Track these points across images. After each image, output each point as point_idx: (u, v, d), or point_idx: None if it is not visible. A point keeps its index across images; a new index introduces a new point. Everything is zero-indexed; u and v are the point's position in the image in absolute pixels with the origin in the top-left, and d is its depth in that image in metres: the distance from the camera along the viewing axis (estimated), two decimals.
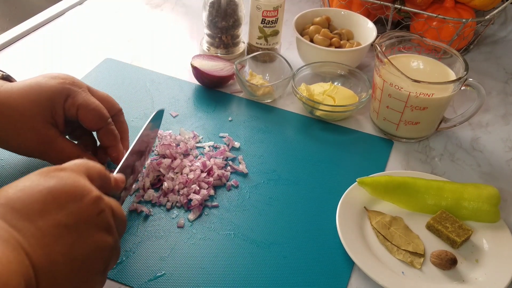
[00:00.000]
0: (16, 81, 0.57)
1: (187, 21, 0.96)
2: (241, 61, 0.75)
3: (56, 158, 0.55)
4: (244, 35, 0.84)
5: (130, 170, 0.54)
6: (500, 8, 0.81)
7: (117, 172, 0.50)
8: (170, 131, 0.67)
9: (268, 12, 0.78)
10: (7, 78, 0.57)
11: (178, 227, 0.55)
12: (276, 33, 0.81)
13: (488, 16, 0.80)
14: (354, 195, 0.59)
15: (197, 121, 0.71)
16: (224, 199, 0.59)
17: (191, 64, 0.75)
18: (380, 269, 0.51)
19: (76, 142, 0.59)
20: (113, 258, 0.41)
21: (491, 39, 0.96)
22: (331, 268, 0.52)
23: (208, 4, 0.77)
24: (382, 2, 0.82)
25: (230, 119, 0.72)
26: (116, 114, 0.59)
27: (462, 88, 0.65)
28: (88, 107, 0.55)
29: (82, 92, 0.55)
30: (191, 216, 0.56)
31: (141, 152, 0.57)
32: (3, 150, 0.63)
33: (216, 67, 0.75)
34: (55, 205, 0.36)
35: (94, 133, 0.60)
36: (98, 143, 0.59)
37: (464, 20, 0.78)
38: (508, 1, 0.83)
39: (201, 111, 0.73)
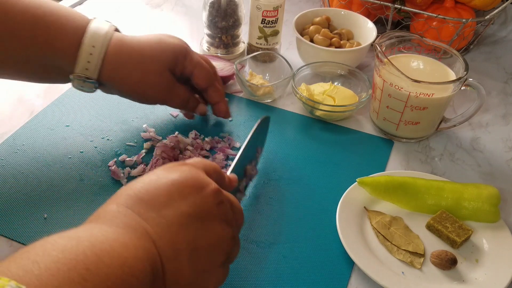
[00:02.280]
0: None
1: (187, 21, 0.96)
2: (241, 61, 0.75)
3: (175, 99, 0.63)
4: (244, 35, 0.84)
5: (242, 173, 0.56)
6: (500, 8, 0.81)
7: (231, 172, 0.51)
8: (175, 134, 0.67)
9: (268, 12, 0.78)
10: (117, 30, 0.61)
11: None
12: (276, 33, 0.81)
13: (488, 16, 0.81)
14: (354, 195, 0.59)
15: (197, 121, 0.71)
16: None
17: None
18: (380, 269, 0.51)
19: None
20: (234, 250, 0.42)
21: (491, 39, 0.96)
22: (331, 268, 0.52)
23: (208, 4, 0.77)
24: (382, 2, 0.82)
25: (230, 119, 0.71)
26: (214, 72, 0.67)
27: (462, 88, 0.65)
28: (202, 66, 0.63)
29: (194, 53, 0.63)
30: None
31: (250, 156, 0.59)
32: (3, 149, 0.63)
33: (216, 67, 0.75)
34: (178, 196, 0.38)
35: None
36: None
37: (464, 20, 0.78)
38: (508, 1, 0.83)
39: None
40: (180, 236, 0.37)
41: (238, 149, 0.66)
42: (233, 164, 0.53)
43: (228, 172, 0.51)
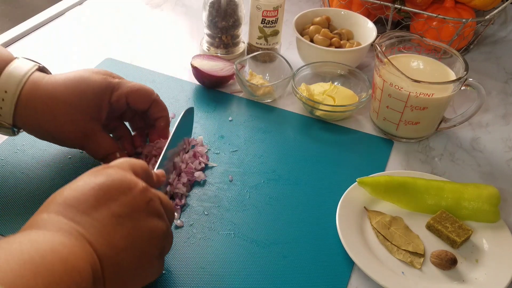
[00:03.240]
0: (51, 73, 0.58)
1: (187, 21, 0.96)
2: (241, 61, 0.75)
3: (95, 151, 0.58)
4: (244, 35, 0.84)
5: (171, 166, 0.57)
6: (500, 8, 0.81)
7: (157, 168, 0.52)
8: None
9: (268, 12, 0.78)
10: (43, 70, 0.58)
11: (178, 226, 0.55)
12: (276, 33, 0.81)
13: (488, 16, 0.81)
14: (354, 195, 0.59)
15: (197, 121, 0.71)
16: (224, 199, 0.59)
17: (191, 64, 0.75)
18: (380, 269, 0.51)
19: (111, 135, 0.62)
20: (167, 242, 0.44)
21: (491, 39, 0.96)
22: (331, 268, 0.52)
23: (208, 4, 0.77)
24: (382, 2, 0.82)
25: (230, 119, 0.72)
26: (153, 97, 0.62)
27: (462, 88, 0.65)
28: (135, 91, 0.58)
29: (121, 81, 0.58)
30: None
31: (178, 149, 0.60)
32: (3, 149, 0.63)
33: (216, 67, 0.75)
34: (107, 198, 0.39)
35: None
36: (132, 133, 0.63)
37: (464, 20, 0.78)
38: (508, 1, 0.83)
39: (201, 111, 0.73)
40: (115, 235, 0.38)
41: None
42: (159, 160, 0.54)
43: (155, 169, 0.51)
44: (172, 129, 0.59)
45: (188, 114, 0.64)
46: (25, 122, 0.55)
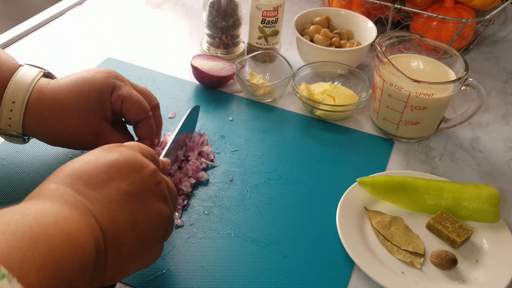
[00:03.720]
0: (56, 77, 0.58)
1: (187, 21, 0.96)
2: (241, 61, 0.75)
3: None
4: (244, 35, 0.84)
5: (174, 158, 0.57)
6: (500, 8, 0.81)
7: (163, 156, 0.53)
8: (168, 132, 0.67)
9: (268, 12, 0.78)
10: (48, 75, 0.58)
11: (178, 226, 0.56)
12: (276, 33, 0.81)
13: (488, 16, 0.81)
14: (354, 195, 0.59)
15: (198, 120, 0.71)
16: (224, 199, 0.59)
17: (191, 64, 0.75)
18: (380, 269, 0.51)
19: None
20: (169, 227, 0.44)
21: (491, 39, 0.96)
22: (331, 268, 0.52)
23: (208, 4, 0.77)
24: (382, 2, 0.82)
25: (230, 118, 0.72)
26: (153, 107, 0.61)
27: (462, 88, 0.65)
28: (132, 100, 0.56)
29: (125, 85, 0.57)
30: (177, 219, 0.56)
31: (181, 143, 0.60)
32: (4, 149, 0.63)
33: (216, 67, 0.75)
34: (118, 175, 0.39)
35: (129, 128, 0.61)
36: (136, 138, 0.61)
37: (464, 20, 0.78)
38: (508, 1, 0.83)
39: (202, 111, 0.73)
40: (121, 212, 0.38)
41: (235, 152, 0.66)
42: (165, 149, 0.55)
43: (161, 157, 0.52)
44: (178, 124, 0.60)
45: (194, 112, 0.65)
46: (34, 130, 0.55)
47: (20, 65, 0.56)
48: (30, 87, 0.54)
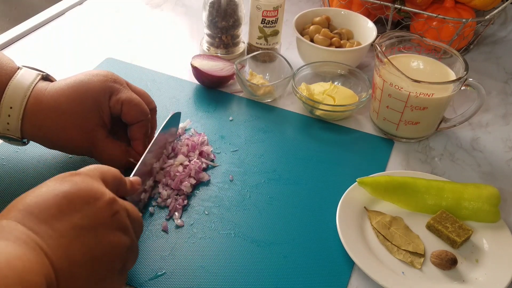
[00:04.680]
0: (55, 80, 0.58)
1: (187, 21, 0.96)
2: (241, 61, 0.75)
3: (101, 158, 0.57)
4: (244, 35, 0.84)
5: (148, 172, 0.55)
6: (500, 8, 0.81)
7: (134, 175, 0.51)
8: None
9: (268, 12, 0.78)
10: (47, 78, 0.58)
11: (178, 226, 0.56)
12: (276, 33, 0.81)
13: (488, 16, 0.81)
14: (354, 195, 0.59)
15: (198, 120, 0.71)
16: (224, 199, 0.59)
17: (191, 64, 0.75)
18: (380, 269, 0.51)
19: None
20: (131, 258, 0.43)
21: (491, 39, 0.96)
22: (331, 268, 0.52)
23: (208, 4, 0.77)
24: (382, 2, 0.82)
25: (231, 118, 0.72)
26: (150, 111, 0.60)
27: (462, 88, 0.65)
28: (131, 103, 0.56)
29: (124, 88, 0.57)
30: (176, 220, 0.56)
31: (157, 154, 0.58)
32: (4, 149, 0.63)
33: (216, 67, 0.75)
34: (70, 208, 0.38)
35: None
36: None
37: (464, 20, 0.78)
38: (508, 1, 0.83)
39: (202, 111, 0.73)
40: (74, 247, 0.37)
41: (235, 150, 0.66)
42: (136, 166, 0.52)
43: (132, 175, 0.50)
44: (155, 135, 0.58)
45: (173, 120, 0.63)
46: (32, 134, 0.55)
47: (18, 68, 0.56)
48: (28, 92, 0.53)
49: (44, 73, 0.57)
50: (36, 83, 0.55)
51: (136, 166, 0.52)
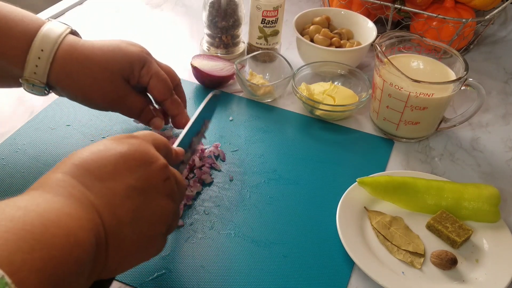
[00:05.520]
0: (81, 37, 0.60)
1: (187, 21, 0.96)
2: (241, 61, 0.75)
3: (127, 109, 0.61)
4: (244, 35, 0.84)
5: (188, 145, 0.56)
6: (500, 8, 0.81)
7: (177, 145, 0.52)
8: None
9: (268, 12, 0.78)
10: (75, 33, 0.59)
11: (178, 226, 0.56)
12: (276, 33, 0.81)
13: (488, 16, 0.81)
14: (354, 195, 0.59)
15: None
16: (224, 199, 0.59)
17: (191, 64, 0.75)
18: (380, 269, 0.51)
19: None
20: (174, 222, 0.44)
21: (491, 39, 0.96)
22: (331, 268, 0.52)
23: (208, 4, 0.77)
24: (382, 2, 0.82)
25: (231, 118, 0.72)
26: (177, 84, 0.64)
27: (462, 88, 0.65)
28: (159, 78, 0.59)
29: (155, 63, 0.60)
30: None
31: (197, 129, 0.59)
32: (4, 149, 0.63)
33: (216, 67, 0.75)
34: (126, 169, 0.38)
35: None
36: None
37: (464, 20, 0.78)
38: (508, 1, 0.83)
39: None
40: (124, 207, 0.37)
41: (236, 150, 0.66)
42: (180, 137, 0.54)
43: (175, 145, 0.51)
44: (196, 112, 0.59)
45: (214, 99, 0.63)
46: (59, 81, 0.56)
47: (48, 20, 0.57)
48: (60, 38, 0.55)
49: (72, 28, 0.59)
50: (67, 33, 0.57)
51: (180, 136, 0.54)
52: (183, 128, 0.59)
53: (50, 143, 0.65)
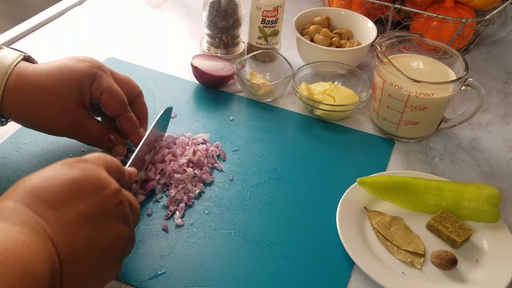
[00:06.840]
0: (37, 62, 0.58)
1: (187, 21, 0.96)
2: (241, 61, 0.75)
3: (85, 137, 0.59)
4: (244, 35, 0.84)
5: (141, 163, 0.56)
6: (500, 8, 0.81)
7: (129, 165, 0.52)
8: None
9: (268, 12, 0.78)
10: (28, 59, 0.58)
11: (178, 226, 0.56)
12: (276, 33, 0.81)
13: (488, 16, 0.81)
14: (354, 195, 0.59)
15: (199, 120, 0.71)
16: (224, 198, 0.59)
17: (191, 64, 0.75)
18: (380, 269, 0.51)
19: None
20: (129, 247, 0.43)
21: (491, 39, 0.96)
22: (331, 268, 0.52)
23: (208, 4, 0.77)
24: (382, 2, 0.82)
25: (231, 118, 0.72)
26: (136, 96, 0.62)
27: (462, 88, 0.65)
28: (111, 93, 0.57)
29: (107, 77, 0.58)
30: (177, 219, 0.56)
31: (150, 146, 0.59)
32: (5, 148, 0.63)
33: (216, 67, 0.75)
34: (78, 195, 0.38)
35: None
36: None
37: (464, 20, 0.78)
38: (508, 1, 0.83)
39: (202, 111, 0.73)
40: (78, 235, 0.37)
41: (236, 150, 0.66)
42: (132, 157, 0.53)
43: (127, 165, 0.51)
44: (149, 127, 0.59)
45: (166, 114, 0.63)
46: (12, 112, 0.55)
47: (0, 48, 0.56)
48: (9, 70, 0.53)
49: (25, 54, 0.57)
50: (18, 62, 0.55)
51: (132, 157, 0.53)
52: (136, 147, 0.58)
53: (50, 142, 0.65)
